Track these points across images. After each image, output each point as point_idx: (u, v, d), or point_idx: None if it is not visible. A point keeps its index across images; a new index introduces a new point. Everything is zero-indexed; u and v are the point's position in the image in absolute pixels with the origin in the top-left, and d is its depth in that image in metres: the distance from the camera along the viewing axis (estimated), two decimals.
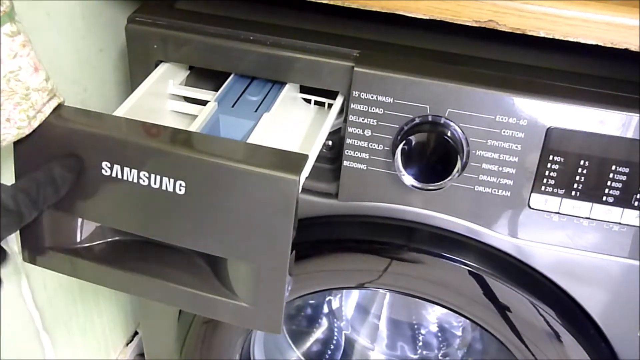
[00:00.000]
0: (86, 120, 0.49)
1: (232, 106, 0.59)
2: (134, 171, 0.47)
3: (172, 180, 0.47)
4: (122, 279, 0.53)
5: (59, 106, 0.48)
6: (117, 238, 0.55)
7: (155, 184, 0.47)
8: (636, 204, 0.56)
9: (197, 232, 0.49)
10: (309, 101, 0.64)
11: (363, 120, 0.58)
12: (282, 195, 0.45)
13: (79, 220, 0.53)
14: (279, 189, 0.45)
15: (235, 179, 0.46)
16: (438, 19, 0.55)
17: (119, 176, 0.48)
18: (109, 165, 0.48)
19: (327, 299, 0.97)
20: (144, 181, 0.47)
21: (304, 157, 0.47)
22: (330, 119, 0.58)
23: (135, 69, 0.63)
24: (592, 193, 0.57)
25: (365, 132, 0.59)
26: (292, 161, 0.46)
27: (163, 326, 0.82)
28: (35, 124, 0.46)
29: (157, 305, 0.79)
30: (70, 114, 0.48)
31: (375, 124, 0.58)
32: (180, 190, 0.47)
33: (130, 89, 0.60)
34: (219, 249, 0.49)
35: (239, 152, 0.48)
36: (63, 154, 0.48)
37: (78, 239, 0.54)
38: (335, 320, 0.99)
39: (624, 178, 0.55)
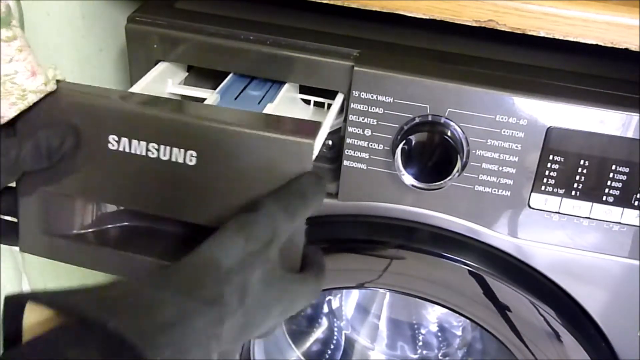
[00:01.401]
0: (91, 93, 0.47)
1: (235, 99, 0.59)
2: (143, 143, 0.46)
3: (182, 151, 0.45)
4: (123, 264, 0.52)
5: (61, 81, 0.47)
6: (118, 225, 0.54)
7: (164, 155, 0.46)
8: (636, 203, 0.56)
9: (208, 205, 0.47)
10: (308, 102, 0.64)
11: (363, 119, 0.58)
12: (298, 161, 0.44)
13: (80, 205, 0.52)
14: (295, 154, 0.44)
15: (248, 146, 0.44)
16: (438, 18, 0.55)
17: (127, 149, 0.46)
18: (116, 138, 0.46)
19: (327, 299, 0.97)
20: (152, 153, 0.46)
21: (317, 124, 0.46)
22: (330, 118, 0.58)
23: (135, 69, 0.63)
24: (592, 193, 0.56)
25: (365, 132, 0.59)
26: (306, 127, 0.46)
27: None
28: None
29: None
30: (74, 87, 0.47)
31: (375, 123, 0.58)
32: (191, 161, 0.45)
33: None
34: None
35: (251, 120, 0.47)
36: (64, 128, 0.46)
37: (79, 225, 0.53)
38: (335, 320, 0.99)
39: (624, 178, 0.55)
